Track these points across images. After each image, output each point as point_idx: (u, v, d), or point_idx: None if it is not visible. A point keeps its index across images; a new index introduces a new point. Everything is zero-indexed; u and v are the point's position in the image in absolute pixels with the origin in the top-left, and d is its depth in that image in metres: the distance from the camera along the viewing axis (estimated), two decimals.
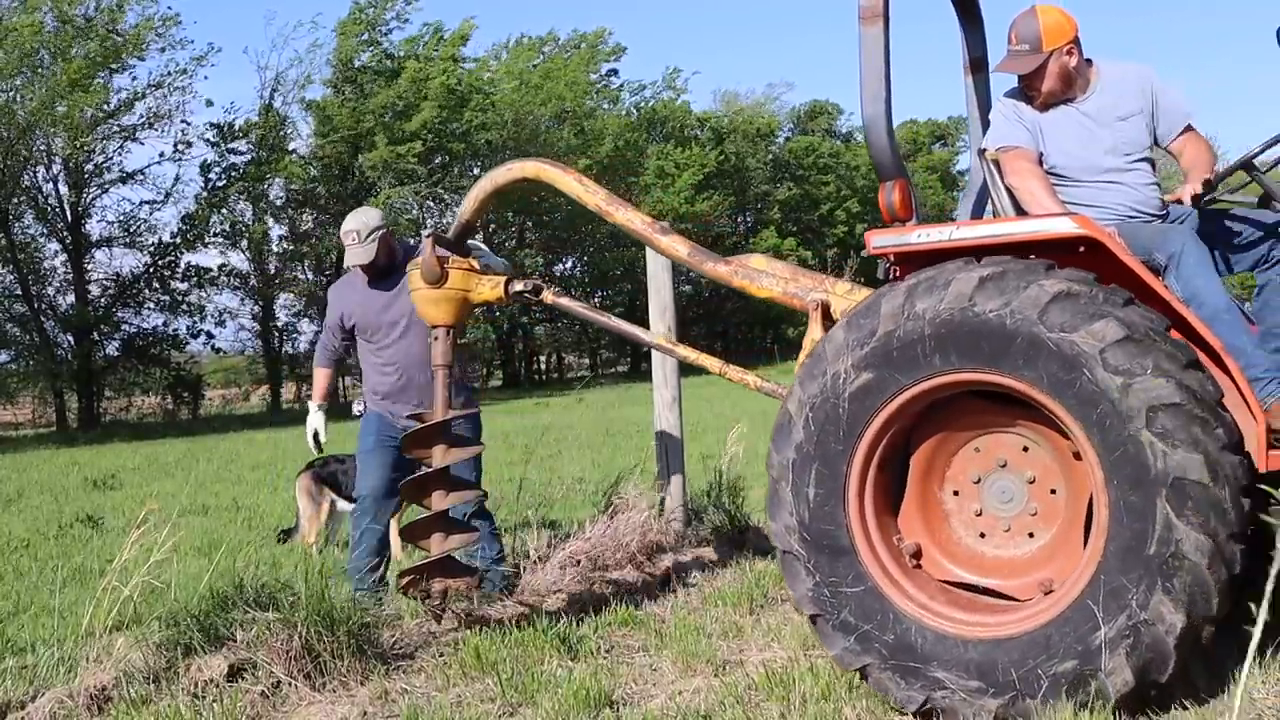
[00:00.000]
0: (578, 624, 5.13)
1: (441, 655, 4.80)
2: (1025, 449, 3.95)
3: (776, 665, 4.37)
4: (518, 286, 5.13)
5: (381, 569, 5.73)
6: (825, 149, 49.64)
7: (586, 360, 47.43)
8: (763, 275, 4.67)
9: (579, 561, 6.01)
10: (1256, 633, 2.95)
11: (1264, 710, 3.62)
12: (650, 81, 52.11)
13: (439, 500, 5.04)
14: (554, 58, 40.70)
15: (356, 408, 6.09)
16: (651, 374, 7.03)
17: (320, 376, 6.21)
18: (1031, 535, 3.94)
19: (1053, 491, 3.90)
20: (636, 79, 67.47)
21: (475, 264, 5.20)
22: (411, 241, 5.87)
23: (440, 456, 5.05)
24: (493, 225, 38.23)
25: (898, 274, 4.09)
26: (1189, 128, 4.45)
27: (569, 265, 43.21)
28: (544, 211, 37.83)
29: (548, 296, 5.16)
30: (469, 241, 5.42)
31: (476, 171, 37.00)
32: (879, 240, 4.04)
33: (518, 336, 40.61)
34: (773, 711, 3.94)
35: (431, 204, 34.00)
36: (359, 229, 5.68)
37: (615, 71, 43.49)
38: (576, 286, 43.11)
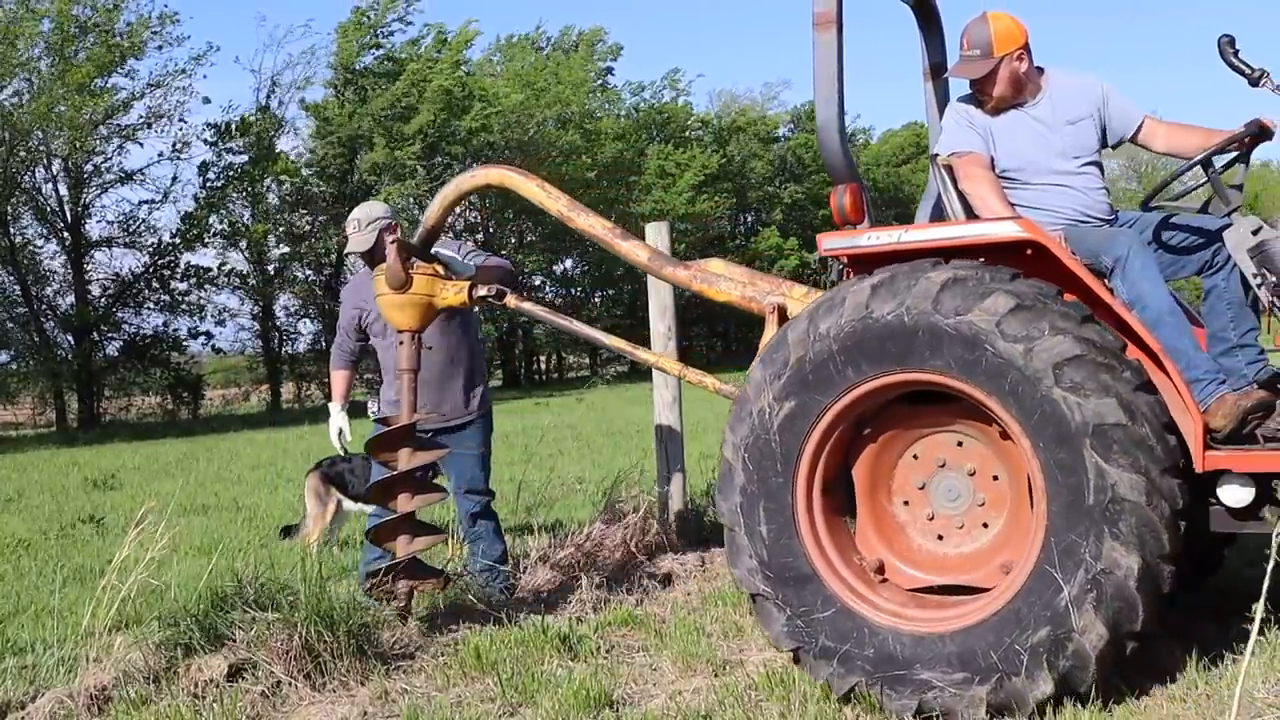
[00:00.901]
0: (578, 624, 5.13)
1: (441, 655, 4.80)
2: (960, 444, 4.05)
3: (776, 665, 4.37)
4: (481, 291, 5.20)
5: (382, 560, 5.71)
6: None
7: (587, 360, 47.37)
8: (721, 279, 4.78)
9: (579, 562, 6.01)
10: (1255, 631, 2.95)
11: (1263, 709, 3.62)
12: (650, 82, 52.00)
13: (405, 503, 5.11)
14: (552, 55, 40.63)
15: (372, 408, 6.11)
16: (651, 374, 7.03)
17: (338, 378, 6.22)
18: (986, 525, 4.02)
19: (995, 478, 4.00)
20: (636, 79, 67.44)
21: (440, 269, 5.26)
22: None
23: (406, 459, 5.12)
24: (493, 225, 38.23)
25: (850, 275, 4.16)
26: (1149, 118, 4.53)
27: (569, 265, 43.19)
28: (544, 211, 37.78)
29: (511, 301, 5.22)
30: (434, 249, 5.53)
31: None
32: (830, 243, 4.17)
33: (518, 336, 40.58)
34: (773, 711, 3.94)
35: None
36: (360, 218, 5.74)
37: (611, 70, 43.42)
38: (577, 286, 43.08)
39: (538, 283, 41.77)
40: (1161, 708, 3.75)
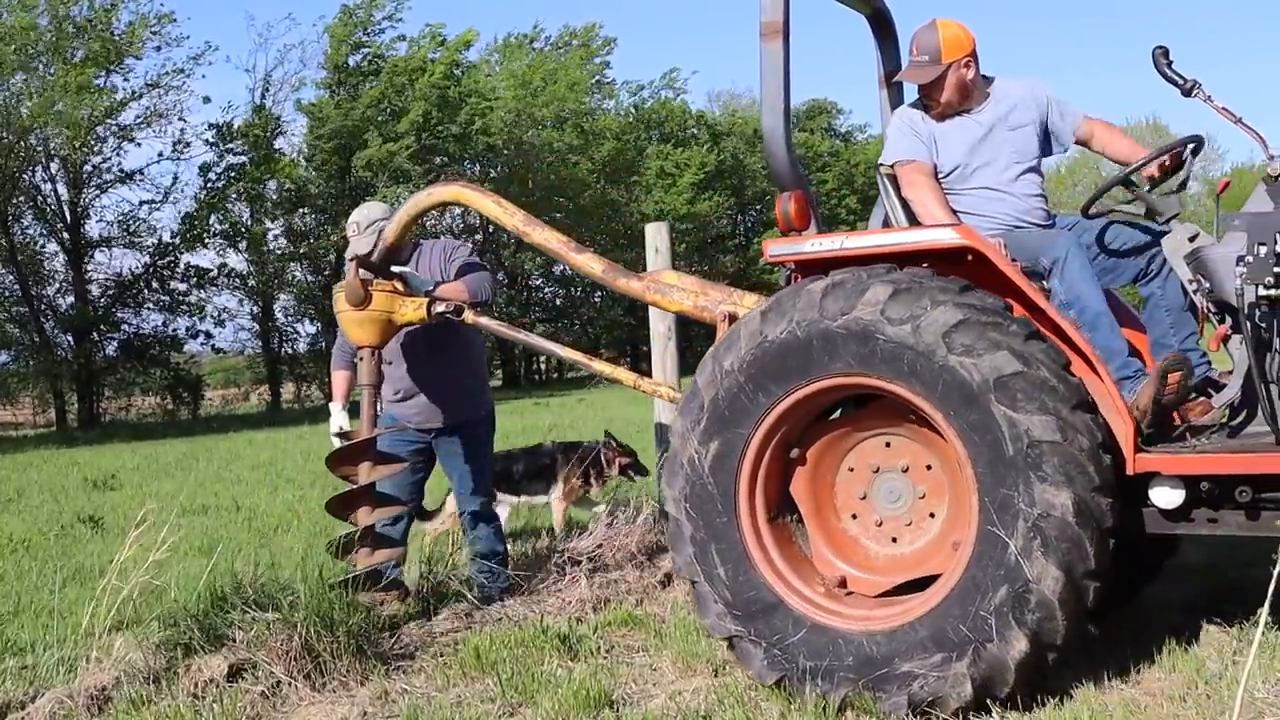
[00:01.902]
0: (578, 624, 5.13)
1: (441, 655, 4.80)
2: (888, 445, 4.14)
3: None
4: (439, 308, 5.33)
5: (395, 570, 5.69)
6: (824, 147, 49.58)
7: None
8: (674, 290, 4.92)
9: (579, 561, 6.01)
10: (1258, 631, 2.95)
11: (1264, 708, 3.62)
12: (648, 81, 51.95)
13: (365, 516, 5.20)
14: (547, 53, 40.54)
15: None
16: (652, 375, 7.03)
17: (338, 379, 6.18)
18: (933, 515, 4.09)
19: (928, 467, 4.07)
20: (634, 79, 67.29)
21: (399, 286, 5.37)
22: (419, 241, 5.92)
23: (366, 473, 5.23)
24: (492, 228, 38.24)
25: (797, 280, 4.23)
26: (1087, 118, 4.61)
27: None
28: (544, 212, 37.77)
29: (469, 316, 5.35)
30: (431, 252, 5.64)
31: (475, 171, 36.94)
32: (775, 249, 4.27)
33: None
34: (773, 711, 3.95)
35: None
36: (360, 220, 5.73)
37: (608, 64, 43.34)
38: (576, 287, 43.05)
39: (537, 283, 41.78)
40: (1161, 708, 3.75)
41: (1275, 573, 2.70)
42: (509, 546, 6.10)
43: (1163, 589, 5.07)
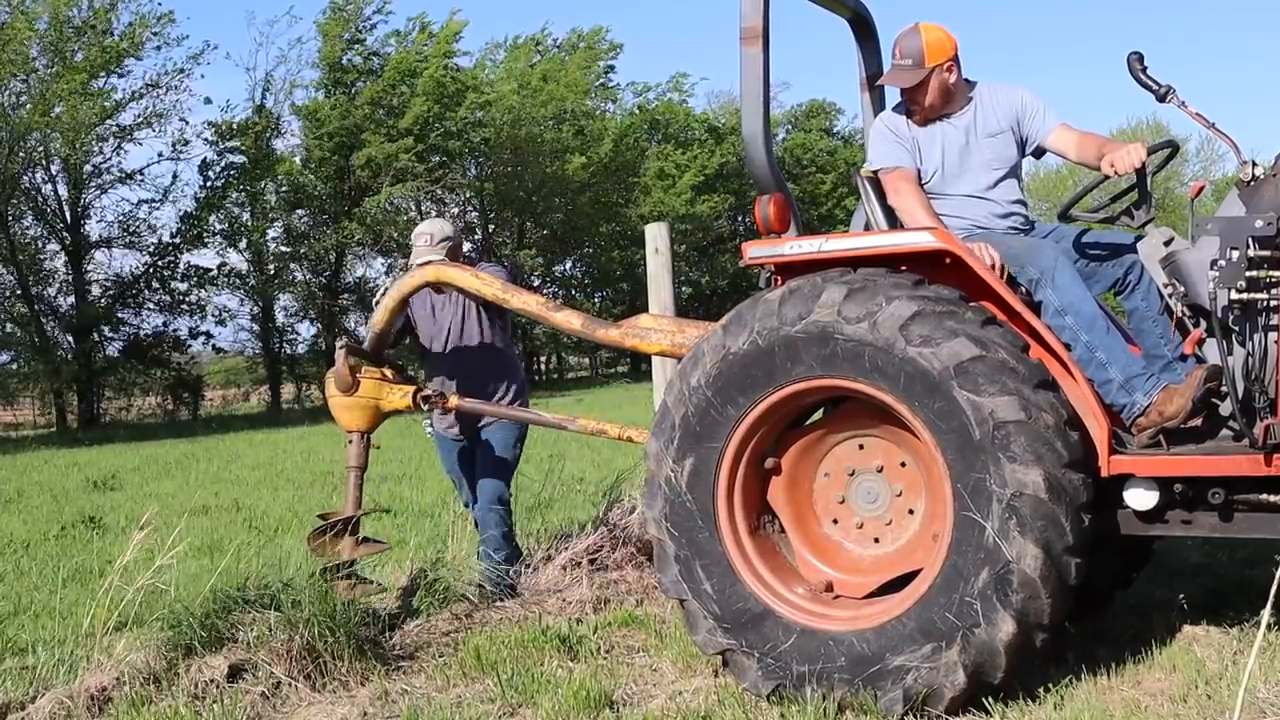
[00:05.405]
0: (578, 624, 5.14)
1: (441, 655, 4.81)
2: (861, 446, 4.17)
3: None
4: (426, 391, 5.51)
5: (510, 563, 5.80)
6: (822, 147, 49.58)
7: (587, 360, 47.38)
8: (651, 332, 5.03)
9: (579, 562, 6.02)
10: (1260, 632, 2.96)
11: (1265, 708, 3.62)
12: (654, 83, 51.82)
13: (349, 550, 5.28)
14: (554, 57, 40.51)
15: (426, 427, 6.19)
16: (651, 374, 7.03)
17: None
18: (911, 511, 4.11)
19: (903, 464, 4.10)
20: (639, 80, 67.21)
21: (387, 373, 5.51)
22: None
23: (349, 551, 5.31)
24: (493, 227, 38.24)
25: (779, 282, 4.26)
26: (1064, 126, 4.58)
27: (569, 266, 43.17)
28: (544, 212, 37.75)
29: (453, 402, 5.52)
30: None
31: (474, 170, 36.88)
32: (755, 251, 4.30)
33: (518, 337, 40.60)
34: (772, 712, 3.95)
35: (430, 204, 33.85)
36: (433, 233, 5.82)
37: (613, 68, 43.27)
38: (576, 288, 43.06)
39: (537, 283, 41.80)
40: (1162, 708, 3.76)
41: (1276, 573, 2.70)
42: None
43: (1163, 589, 5.08)
